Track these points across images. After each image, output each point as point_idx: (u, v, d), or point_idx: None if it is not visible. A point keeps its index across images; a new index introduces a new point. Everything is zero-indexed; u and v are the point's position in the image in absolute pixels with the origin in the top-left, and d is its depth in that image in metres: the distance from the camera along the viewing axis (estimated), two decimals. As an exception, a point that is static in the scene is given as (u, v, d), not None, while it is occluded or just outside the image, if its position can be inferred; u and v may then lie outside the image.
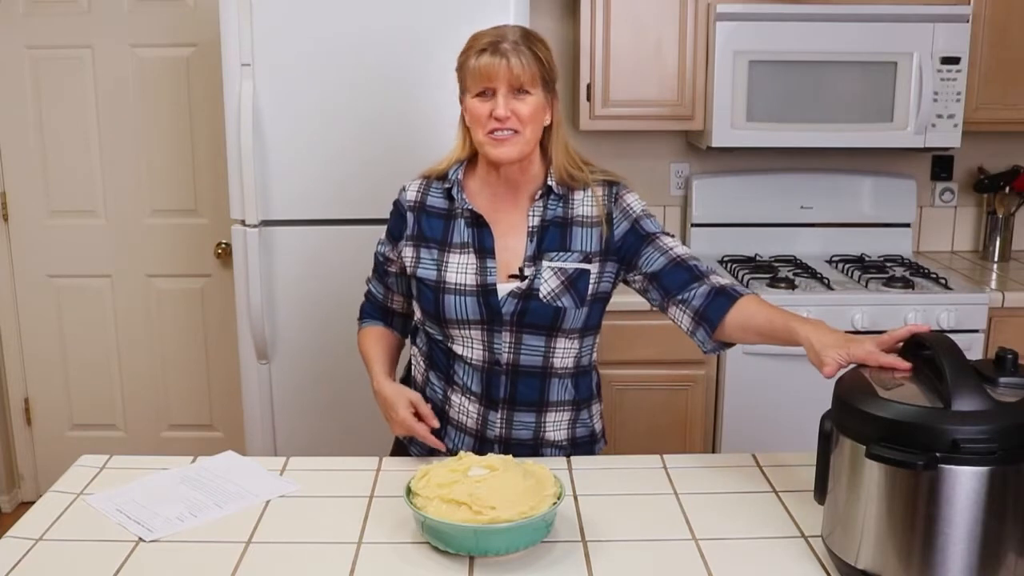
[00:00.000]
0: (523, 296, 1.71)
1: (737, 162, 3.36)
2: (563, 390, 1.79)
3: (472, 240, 1.74)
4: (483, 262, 1.73)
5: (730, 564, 1.34)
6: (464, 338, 1.75)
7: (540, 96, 1.69)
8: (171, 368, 3.56)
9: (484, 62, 1.65)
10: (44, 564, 1.35)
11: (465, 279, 1.72)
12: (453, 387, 1.78)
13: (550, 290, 1.71)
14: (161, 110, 3.36)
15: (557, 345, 1.75)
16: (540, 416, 1.78)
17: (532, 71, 1.66)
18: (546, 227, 1.75)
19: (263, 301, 2.68)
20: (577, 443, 1.83)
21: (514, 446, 1.77)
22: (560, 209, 1.76)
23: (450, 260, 1.74)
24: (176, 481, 1.62)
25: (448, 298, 1.72)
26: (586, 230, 1.75)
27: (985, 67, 3.02)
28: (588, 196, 1.77)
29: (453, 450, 1.78)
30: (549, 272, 1.71)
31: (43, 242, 3.46)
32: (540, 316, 1.71)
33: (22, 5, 3.28)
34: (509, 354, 1.74)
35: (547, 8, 3.29)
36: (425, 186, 1.81)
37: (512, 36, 1.68)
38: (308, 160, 2.65)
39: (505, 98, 1.65)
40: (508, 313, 1.71)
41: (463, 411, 1.78)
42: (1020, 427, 1.16)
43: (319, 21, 2.58)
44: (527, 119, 1.67)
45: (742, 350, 2.80)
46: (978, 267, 3.26)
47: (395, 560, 1.36)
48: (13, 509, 3.58)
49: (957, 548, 1.17)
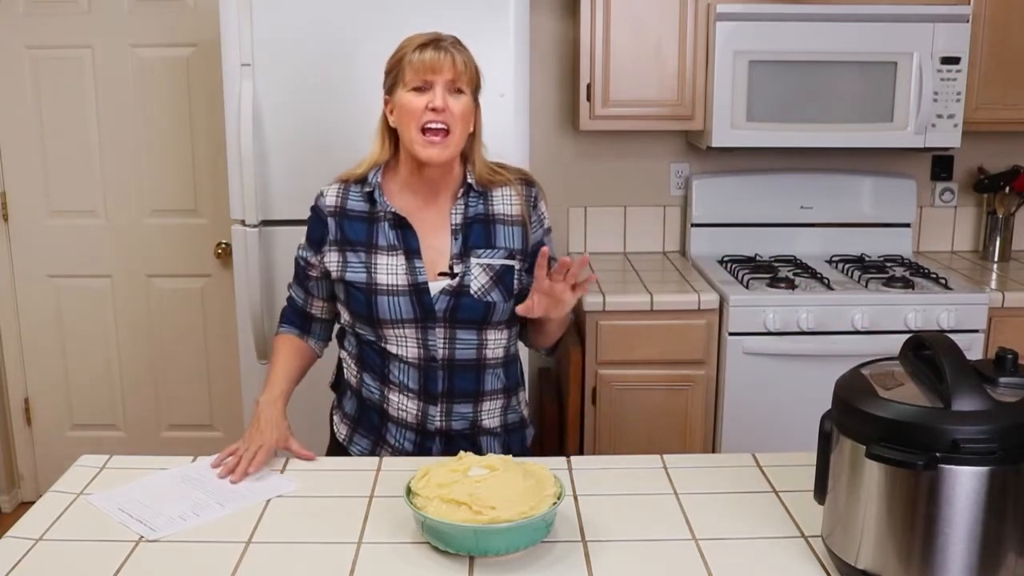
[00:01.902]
0: (455, 293, 1.76)
1: (737, 162, 3.36)
2: (495, 379, 1.85)
3: (398, 241, 1.78)
4: (411, 262, 1.77)
5: (730, 564, 1.34)
6: (398, 337, 1.78)
7: (471, 100, 1.75)
8: (171, 368, 3.56)
9: (428, 56, 1.70)
10: (44, 564, 1.35)
11: (396, 280, 1.76)
12: (390, 386, 1.82)
13: (480, 286, 1.77)
14: (161, 110, 3.36)
15: (488, 337, 1.81)
16: (477, 406, 1.84)
17: (471, 71, 1.74)
18: (469, 224, 1.80)
19: (263, 301, 2.68)
20: (509, 429, 1.90)
21: (454, 436, 1.83)
22: (481, 206, 1.81)
23: (378, 262, 1.78)
24: (177, 480, 1.62)
25: (381, 299, 1.76)
26: (508, 228, 1.81)
27: (985, 67, 3.02)
28: (508, 194, 1.83)
29: (396, 446, 1.83)
30: (478, 269, 1.77)
31: (43, 242, 3.46)
32: (472, 311, 1.77)
33: (22, 5, 3.28)
34: (444, 350, 1.78)
35: (547, 8, 3.29)
36: (343, 190, 1.83)
37: (450, 38, 1.75)
38: (308, 160, 2.65)
39: (442, 92, 1.70)
40: (441, 310, 1.76)
41: (402, 408, 1.82)
42: (1020, 427, 1.16)
43: (319, 21, 2.58)
44: (459, 117, 1.72)
45: (742, 350, 2.80)
46: (978, 267, 3.26)
47: (395, 560, 1.36)
48: (13, 509, 3.58)
49: (957, 548, 1.17)
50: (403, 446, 1.84)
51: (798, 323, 2.79)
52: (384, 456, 1.81)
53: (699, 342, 2.86)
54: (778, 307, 2.79)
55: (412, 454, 1.82)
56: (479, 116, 1.80)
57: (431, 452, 1.82)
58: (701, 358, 2.87)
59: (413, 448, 1.83)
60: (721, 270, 3.11)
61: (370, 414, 1.86)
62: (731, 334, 2.81)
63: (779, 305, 2.80)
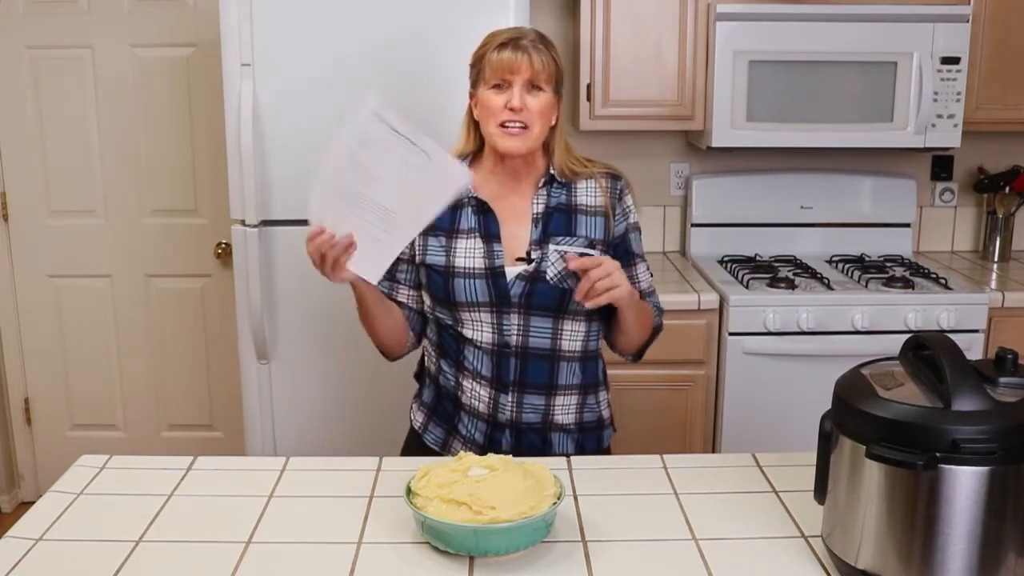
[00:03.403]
0: (530, 279, 1.77)
1: (737, 162, 3.36)
2: (571, 374, 1.85)
3: (478, 226, 1.80)
4: (489, 246, 1.79)
5: (730, 564, 1.34)
6: (474, 321, 1.80)
7: (551, 95, 1.78)
8: (171, 368, 3.56)
9: (506, 56, 1.74)
10: (44, 564, 1.35)
11: (473, 263, 1.78)
12: (464, 373, 1.83)
13: (556, 272, 1.77)
14: (161, 110, 3.36)
15: (564, 327, 1.81)
16: (549, 399, 1.84)
17: (549, 69, 1.76)
18: (550, 214, 1.81)
19: (263, 301, 2.68)
20: (585, 428, 1.89)
21: (524, 430, 1.83)
22: (564, 197, 1.83)
23: (457, 246, 1.80)
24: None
25: (457, 281, 1.78)
26: (590, 218, 1.82)
27: (985, 67, 3.02)
28: (592, 186, 1.84)
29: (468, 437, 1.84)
30: (556, 255, 1.78)
31: (43, 242, 3.46)
32: (547, 298, 1.78)
33: (22, 5, 3.28)
34: (518, 336, 1.79)
35: (547, 8, 3.29)
36: None
37: (531, 35, 1.78)
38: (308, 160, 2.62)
39: (520, 91, 1.73)
40: (516, 295, 1.78)
41: (475, 395, 1.83)
42: (1020, 427, 1.16)
43: (319, 21, 2.58)
44: (538, 114, 1.75)
45: (742, 350, 2.80)
46: (978, 267, 3.26)
47: (395, 560, 1.36)
48: (13, 509, 3.58)
49: (957, 548, 1.17)
50: (474, 436, 1.84)
51: (798, 323, 2.80)
52: (455, 448, 1.84)
53: (699, 342, 2.86)
54: (778, 307, 2.79)
55: (482, 447, 1.83)
56: (561, 109, 1.82)
57: (500, 447, 1.82)
58: (701, 358, 2.87)
59: (483, 440, 1.84)
60: (721, 270, 3.11)
61: (444, 403, 1.88)
62: (731, 334, 2.81)
63: (779, 305, 2.80)
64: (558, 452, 1.85)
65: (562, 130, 1.84)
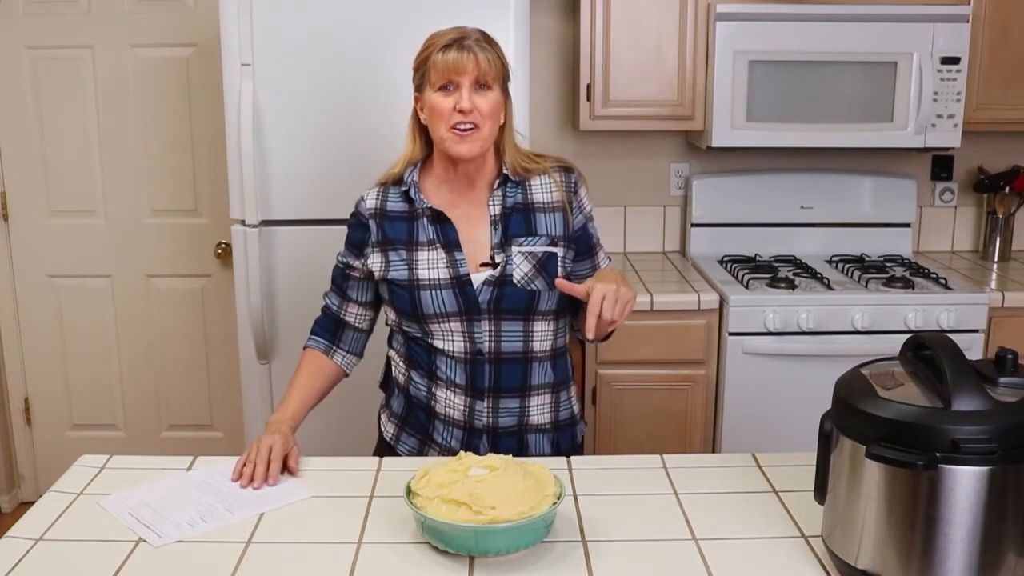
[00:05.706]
0: (497, 283, 1.76)
1: (737, 162, 3.36)
2: (543, 373, 1.84)
3: (437, 236, 1.78)
4: (451, 255, 1.77)
5: (730, 564, 1.34)
6: (444, 332, 1.78)
7: (498, 94, 1.75)
8: (171, 368, 3.56)
9: (451, 56, 1.71)
10: (44, 564, 1.35)
11: (438, 274, 1.76)
12: (437, 382, 1.81)
13: (523, 274, 1.76)
14: (161, 110, 3.36)
15: (535, 328, 1.80)
16: (524, 401, 1.83)
17: (496, 67, 1.74)
18: (508, 214, 1.79)
19: (263, 301, 2.68)
20: (560, 425, 1.89)
21: (501, 434, 1.82)
22: (519, 196, 1.81)
23: (419, 258, 1.78)
24: (191, 486, 1.60)
25: (424, 294, 1.76)
26: (549, 215, 1.81)
27: (985, 67, 3.02)
28: (547, 182, 1.83)
29: (444, 445, 1.83)
30: (520, 257, 1.76)
31: (43, 242, 3.46)
32: (516, 301, 1.76)
33: (22, 5, 3.28)
34: (491, 342, 1.78)
35: (547, 8, 3.29)
36: (383, 193, 1.84)
37: (474, 35, 1.75)
38: (308, 160, 2.65)
39: (468, 92, 1.71)
40: (485, 301, 1.76)
41: (449, 404, 1.81)
42: (1020, 427, 1.16)
43: (319, 21, 2.58)
44: (488, 114, 1.72)
45: (742, 350, 2.80)
46: (978, 267, 3.26)
47: (395, 560, 1.36)
48: (13, 509, 3.58)
49: (957, 548, 1.17)
50: (450, 444, 1.83)
51: (798, 323, 2.80)
52: (431, 455, 1.82)
53: (699, 342, 2.86)
54: (778, 307, 2.79)
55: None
56: (509, 107, 1.80)
57: (478, 451, 1.80)
58: (701, 358, 2.87)
59: (460, 447, 1.82)
60: (721, 270, 3.11)
61: (417, 413, 1.86)
62: (731, 334, 2.81)
63: (779, 305, 2.80)
64: (534, 453, 1.85)
65: (511, 128, 1.82)
